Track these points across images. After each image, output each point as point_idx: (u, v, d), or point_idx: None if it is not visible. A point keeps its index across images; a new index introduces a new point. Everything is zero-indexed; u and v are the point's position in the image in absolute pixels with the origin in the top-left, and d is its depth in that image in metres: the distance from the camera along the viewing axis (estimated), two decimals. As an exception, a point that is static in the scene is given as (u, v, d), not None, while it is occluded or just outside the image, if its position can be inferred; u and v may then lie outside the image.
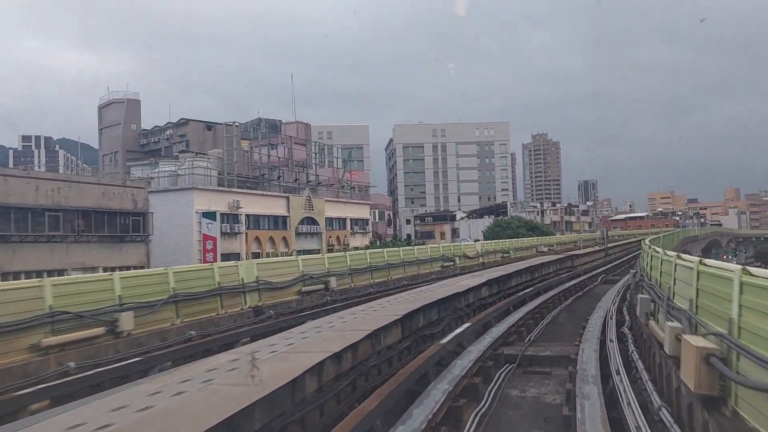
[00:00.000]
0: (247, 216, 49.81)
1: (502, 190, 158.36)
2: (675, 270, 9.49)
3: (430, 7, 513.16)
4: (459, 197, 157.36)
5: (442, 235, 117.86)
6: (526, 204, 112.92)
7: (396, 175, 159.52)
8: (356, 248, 55.51)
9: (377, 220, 69.69)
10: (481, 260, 34.74)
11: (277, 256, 51.12)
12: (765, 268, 5.83)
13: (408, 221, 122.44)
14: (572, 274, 30.62)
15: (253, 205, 50.60)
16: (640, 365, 9.90)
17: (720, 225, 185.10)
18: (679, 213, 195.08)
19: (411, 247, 28.04)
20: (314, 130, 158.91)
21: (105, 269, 31.99)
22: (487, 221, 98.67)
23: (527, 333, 15.76)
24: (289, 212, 53.89)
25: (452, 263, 30.41)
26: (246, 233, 49.31)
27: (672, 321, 8.18)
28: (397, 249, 26.42)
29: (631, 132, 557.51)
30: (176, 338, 13.02)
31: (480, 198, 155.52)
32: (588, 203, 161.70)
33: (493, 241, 37.39)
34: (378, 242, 60.19)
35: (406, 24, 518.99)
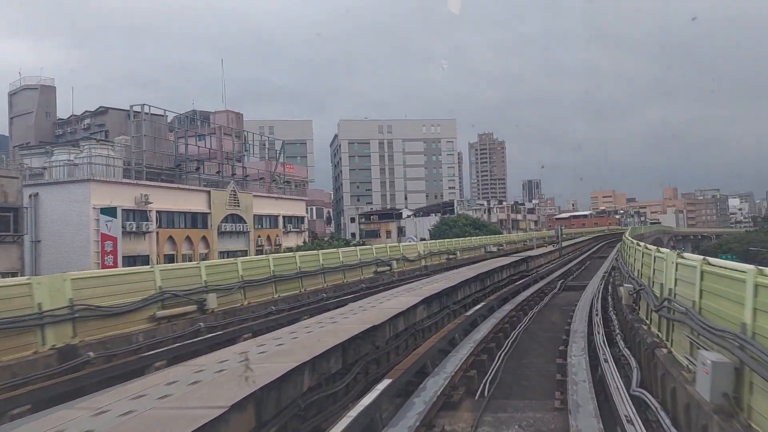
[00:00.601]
0: (159, 213, 43.03)
1: (449, 188, 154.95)
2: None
3: (377, 6, 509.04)
4: (406, 195, 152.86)
5: (388, 234, 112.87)
6: (473, 202, 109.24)
7: (341, 171, 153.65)
8: (289, 249, 49.50)
9: (315, 217, 63.85)
10: (423, 263, 29.53)
11: (196, 257, 44.59)
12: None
13: (352, 220, 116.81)
14: (528, 280, 25.73)
15: (166, 200, 43.84)
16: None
17: (659, 223, 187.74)
18: (621, 211, 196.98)
19: (335, 250, 22.48)
20: (255, 125, 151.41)
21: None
22: (434, 219, 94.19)
23: (479, 380, 10.45)
24: (210, 208, 47.33)
25: (388, 268, 25.02)
26: (157, 232, 42.52)
27: None
28: (315, 252, 20.77)
29: (573, 133, 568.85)
30: None
31: (427, 196, 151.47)
32: (534, 201, 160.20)
33: (438, 241, 32.42)
34: (313, 242, 54.34)
35: (354, 23, 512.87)
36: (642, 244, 12.49)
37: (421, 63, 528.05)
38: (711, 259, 6.74)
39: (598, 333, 12.29)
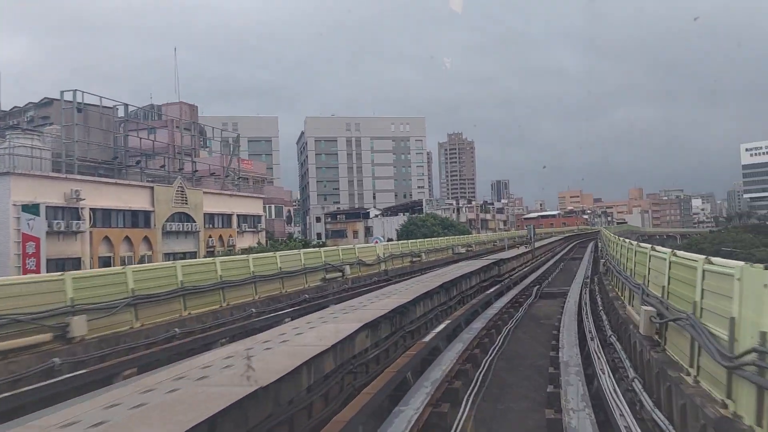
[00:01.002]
0: (94, 210, 38.54)
1: (419, 187, 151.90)
2: None
3: (351, 6, 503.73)
4: (374, 194, 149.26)
5: (355, 233, 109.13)
6: (442, 201, 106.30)
7: (308, 170, 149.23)
8: (244, 250, 45.38)
9: (274, 217, 59.79)
10: (383, 267, 25.94)
11: (136, 260, 40.22)
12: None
13: (318, 219, 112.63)
14: (500, 287, 22.36)
15: (103, 196, 39.37)
16: None
17: (625, 223, 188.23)
18: (588, 211, 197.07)
19: (272, 254, 18.69)
20: (218, 121, 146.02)
21: None
22: (402, 219, 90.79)
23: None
24: (153, 206, 42.94)
25: (340, 274, 21.37)
26: (91, 232, 38.05)
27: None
28: (245, 258, 16.95)
29: (541, 134, 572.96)
30: None
31: (396, 195, 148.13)
32: (503, 201, 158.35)
33: (400, 242, 28.95)
34: (270, 243, 50.28)
35: (322, 20, 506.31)
36: (662, 248, 9.17)
37: (394, 63, 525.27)
38: None
39: (602, 372, 8.84)
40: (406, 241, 31.52)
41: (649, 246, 9.20)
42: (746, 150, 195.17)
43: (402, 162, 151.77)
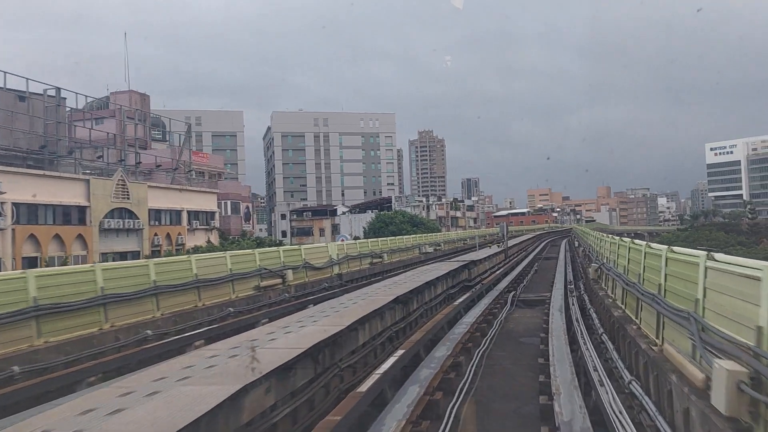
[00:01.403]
0: (17, 205, 34.04)
1: (388, 184, 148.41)
2: None
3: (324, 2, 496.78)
4: (343, 191, 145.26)
5: (321, 231, 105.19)
6: (411, 198, 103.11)
7: (274, 166, 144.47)
8: (196, 249, 41.24)
9: (230, 213, 55.52)
10: (336, 271, 22.28)
11: (69, 260, 35.77)
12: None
13: (283, 216, 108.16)
14: (471, 294, 18.91)
15: (27, 190, 34.83)
16: None
17: (594, 221, 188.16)
18: (558, 209, 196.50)
19: (185, 258, 14.89)
20: (181, 115, 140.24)
21: None
22: (371, 216, 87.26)
23: None
24: (89, 201, 38.48)
25: (280, 281, 17.66)
26: (13, 229, 33.53)
27: None
28: (144, 263, 13.05)
29: (511, 132, 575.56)
30: None
31: (365, 192, 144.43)
32: (473, 198, 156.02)
33: (359, 241, 25.34)
34: (220, 242, 46.15)
35: (297, 16, 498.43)
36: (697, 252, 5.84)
37: (368, 61, 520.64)
38: None
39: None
40: (365, 240, 27.92)
41: (722, 256, 5.68)
42: (711, 149, 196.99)
43: (371, 158, 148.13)
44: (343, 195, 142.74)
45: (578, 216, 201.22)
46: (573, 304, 16.23)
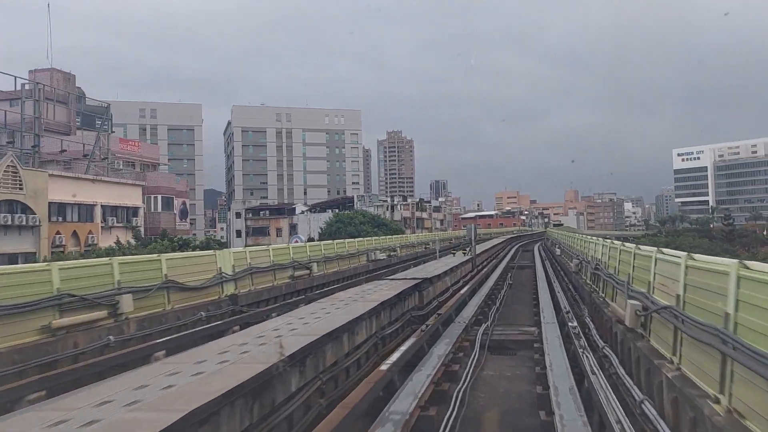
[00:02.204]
0: None
1: (353, 183, 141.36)
2: None
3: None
4: (305, 190, 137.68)
5: (279, 231, 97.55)
6: (375, 198, 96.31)
7: (234, 162, 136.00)
8: (110, 251, 33.56)
9: (160, 209, 47.71)
10: (228, 291, 15.21)
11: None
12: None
13: (238, 215, 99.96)
14: (419, 340, 11.95)
15: None
16: None
17: (561, 224, 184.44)
18: (526, 212, 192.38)
19: None
20: (135, 107, 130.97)
21: None
22: (331, 216, 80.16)
23: None
24: (-40, 191, 30.63)
25: (104, 314, 10.59)
26: None
27: None
28: None
29: (480, 134, 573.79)
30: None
31: (329, 191, 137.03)
32: (440, 199, 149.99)
33: (276, 247, 18.49)
34: (142, 243, 38.45)
35: (268, 13, 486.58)
36: None
37: (336, 59, 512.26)
38: None
39: None
40: (285, 246, 20.99)
41: None
42: (678, 155, 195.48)
43: (336, 156, 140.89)
44: (305, 194, 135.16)
45: (546, 219, 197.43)
46: (584, 359, 9.49)
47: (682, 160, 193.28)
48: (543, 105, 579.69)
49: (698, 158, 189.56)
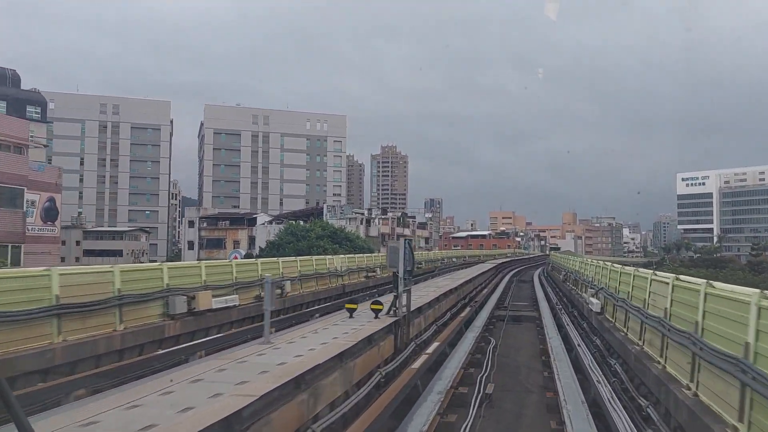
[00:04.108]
0: None
1: (335, 195, 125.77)
2: None
3: (292, 9, 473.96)
4: (281, 200, 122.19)
5: (236, 243, 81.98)
6: (347, 209, 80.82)
7: (204, 167, 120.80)
8: None
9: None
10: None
11: None
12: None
13: (191, 223, 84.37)
14: None
15: None
16: None
17: (559, 248, 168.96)
18: (521, 234, 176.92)
19: None
20: (96, 101, 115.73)
21: None
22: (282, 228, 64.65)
23: None
24: None
25: None
26: None
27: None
28: None
29: (477, 154, 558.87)
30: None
31: (307, 202, 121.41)
32: (427, 215, 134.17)
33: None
34: None
35: (264, 19, 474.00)
36: None
37: (332, 73, 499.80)
38: None
39: None
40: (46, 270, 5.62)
41: None
42: (682, 180, 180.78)
43: (317, 164, 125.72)
44: (281, 204, 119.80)
45: (543, 242, 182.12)
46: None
47: (687, 185, 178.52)
48: (542, 126, 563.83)
49: (703, 184, 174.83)
